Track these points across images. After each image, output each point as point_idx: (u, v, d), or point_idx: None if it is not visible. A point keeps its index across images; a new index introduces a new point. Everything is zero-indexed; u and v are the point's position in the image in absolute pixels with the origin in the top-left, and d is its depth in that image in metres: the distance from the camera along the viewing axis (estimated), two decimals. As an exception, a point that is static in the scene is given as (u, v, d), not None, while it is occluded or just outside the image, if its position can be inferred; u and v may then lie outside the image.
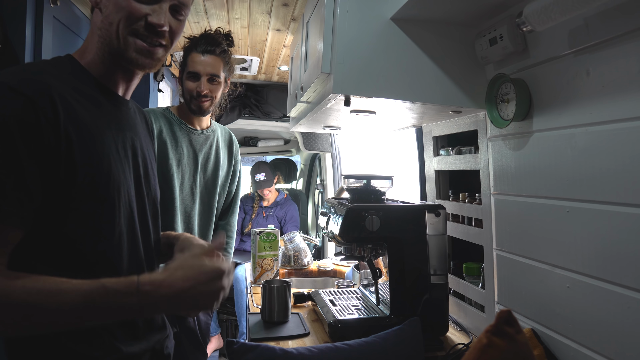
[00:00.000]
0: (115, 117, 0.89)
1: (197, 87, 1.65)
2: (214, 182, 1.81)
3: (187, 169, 1.70)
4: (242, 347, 1.14)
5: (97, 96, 0.86)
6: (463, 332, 1.52)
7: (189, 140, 1.71)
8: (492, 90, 1.30)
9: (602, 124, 0.97)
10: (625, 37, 0.90)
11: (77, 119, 0.78)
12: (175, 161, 1.65)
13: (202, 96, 1.65)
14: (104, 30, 0.84)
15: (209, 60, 1.65)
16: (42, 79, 0.76)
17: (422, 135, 1.86)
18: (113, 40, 0.84)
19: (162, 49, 0.88)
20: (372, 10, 1.27)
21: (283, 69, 2.77)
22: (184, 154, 1.69)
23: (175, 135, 1.67)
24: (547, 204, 1.15)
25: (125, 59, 0.85)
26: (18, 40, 1.44)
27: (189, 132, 1.72)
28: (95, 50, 0.86)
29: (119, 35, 0.83)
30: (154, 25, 0.84)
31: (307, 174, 4.14)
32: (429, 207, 1.43)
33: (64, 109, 0.76)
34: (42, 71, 0.79)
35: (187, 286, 0.73)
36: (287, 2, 1.77)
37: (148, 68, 0.88)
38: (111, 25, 0.83)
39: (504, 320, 0.91)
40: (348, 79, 1.26)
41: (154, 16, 0.84)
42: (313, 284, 2.39)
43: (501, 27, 1.19)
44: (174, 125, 1.68)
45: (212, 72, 1.66)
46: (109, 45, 0.84)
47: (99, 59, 0.87)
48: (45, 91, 0.74)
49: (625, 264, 0.92)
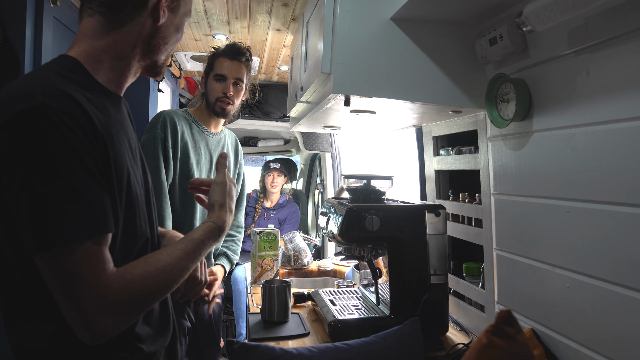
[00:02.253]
0: (119, 121, 0.89)
1: (223, 88, 1.75)
2: None
3: (204, 169, 1.79)
4: (242, 347, 1.14)
5: (103, 101, 0.85)
6: (463, 332, 1.52)
7: (205, 142, 1.80)
8: (492, 90, 1.30)
9: (602, 124, 0.97)
10: (625, 37, 0.90)
11: (101, 124, 0.78)
12: (195, 161, 1.73)
13: (227, 97, 1.75)
14: (154, 46, 0.88)
15: (236, 65, 1.77)
16: (70, 94, 0.75)
17: (422, 135, 1.86)
18: (162, 56, 0.91)
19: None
20: (372, 10, 1.27)
21: (283, 69, 2.77)
22: (202, 154, 1.77)
23: (194, 136, 1.76)
24: (547, 204, 1.15)
25: (158, 70, 0.93)
26: (18, 40, 1.44)
27: (205, 135, 1.80)
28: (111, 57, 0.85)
29: (168, 54, 0.92)
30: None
31: (307, 174, 4.14)
32: (429, 207, 1.43)
33: (97, 122, 0.76)
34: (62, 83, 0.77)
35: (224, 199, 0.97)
36: (287, 2, 1.77)
37: (155, 76, 0.95)
38: (166, 45, 0.90)
39: (504, 320, 0.91)
40: (348, 79, 1.26)
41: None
42: (313, 284, 2.39)
43: (501, 27, 1.19)
44: (193, 127, 1.77)
45: (237, 76, 1.77)
46: (152, 58, 0.90)
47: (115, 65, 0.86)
48: (80, 105, 0.74)
49: (625, 264, 0.92)
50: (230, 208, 0.98)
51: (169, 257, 0.80)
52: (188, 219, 1.73)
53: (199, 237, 0.87)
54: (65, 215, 0.68)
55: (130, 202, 0.83)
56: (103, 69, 0.85)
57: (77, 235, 0.68)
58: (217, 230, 0.91)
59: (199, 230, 0.89)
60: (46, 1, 1.51)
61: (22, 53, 1.44)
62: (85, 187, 0.71)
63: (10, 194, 0.69)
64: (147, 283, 0.75)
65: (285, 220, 3.49)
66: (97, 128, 0.75)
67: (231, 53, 1.76)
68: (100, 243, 0.72)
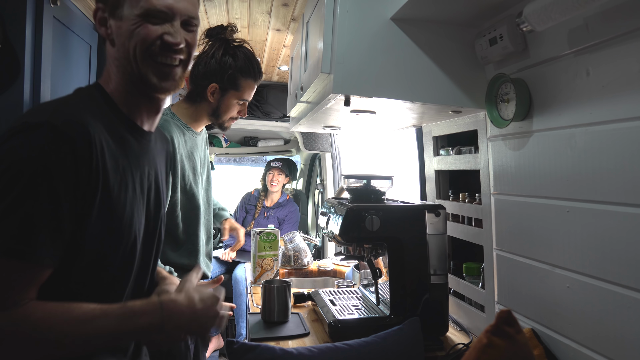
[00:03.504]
0: (138, 154, 0.88)
1: (241, 110, 1.65)
2: (209, 180, 1.84)
3: (198, 174, 1.72)
4: (242, 347, 1.14)
5: (124, 133, 0.85)
6: (463, 332, 1.52)
7: (196, 146, 1.73)
8: (492, 90, 1.30)
9: (602, 124, 0.97)
10: (625, 37, 0.90)
11: (106, 164, 0.78)
12: (191, 170, 1.64)
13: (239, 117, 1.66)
14: (121, 60, 0.84)
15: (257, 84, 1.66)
16: (83, 120, 0.76)
17: (422, 135, 1.86)
18: (133, 66, 0.83)
19: (180, 68, 0.88)
20: (372, 10, 1.27)
21: (283, 69, 2.77)
22: (195, 159, 1.70)
23: (187, 144, 1.68)
24: (547, 204, 1.15)
25: (146, 84, 0.85)
26: (18, 40, 1.44)
27: (195, 138, 1.73)
28: (118, 80, 0.86)
29: (137, 60, 0.83)
30: (171, 44, 0.84)
31: (307, 174, 4.14)
32: (429, 207, 1.43)
33: (100, 153, 0.76)
34: (82, 109, 0.78)
35: (200, 307, 0.82)
36: (287, 2, 1.77)
37: (169, 91, 0.88)
38: (127, 52, 0.83)
39: (504, 320, 0.91)
40: (348, 79, 1.26)
41: (169, 36, 0.83)
42: (313, 284, 2.39)
43: (501, 27, 1.19)
44: (185, 134, 1.67)
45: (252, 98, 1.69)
46: (129, 74, 0.84)
47: (123, 88, 0.86)
48: (86, 135, 0.74)
49: (625, 264, 0.92)
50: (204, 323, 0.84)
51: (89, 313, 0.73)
52: (193, 228, 1.65)
53: (137, 307, 0.77)
54: (2, 232, 0.68)
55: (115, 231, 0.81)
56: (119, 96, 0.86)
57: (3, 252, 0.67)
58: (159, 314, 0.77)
59: (136, 303, 0.79)
60: (46, 1, 1.51)
61: (22, 53, 1.44)
62: (39, 212, 0.70)
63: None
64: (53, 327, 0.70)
65: (285, 219, 3.50)
66: (94, 160, 0.75)
67: (258, 75, 1.61)
68: (25, 272, 0.70)
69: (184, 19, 0.86)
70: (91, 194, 0.75)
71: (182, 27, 0.86)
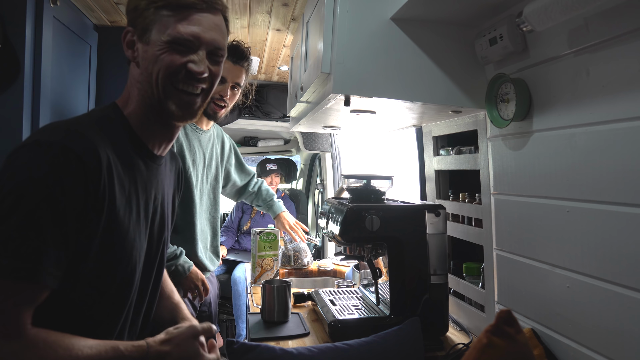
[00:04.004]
0: (146, 179, 0.89)
1: (220, 90, 1.67)
2: (217, 178, 1.89)
3: (199, 168, 1.76)
4: (242, 347, 1.14)
5: (134, 157, 0.86)
6: (463, 332, 1.52)
7: (199, 141, 1.77)
8: (492, 90, 1.30)
9: (602, 124, 0.97)
10: (625, 37, 0.90)
11: (113, 188, 0.78)
12: (190, 161, 1.70)
13: (222, 100, 1.68)
14: (143, 83, 0.85)
15: (237, 69, 1.70)
16: (95, 142, 0.76)
17: (422, 135, 1.86)
18: (153, 91, 0.84)
19: (200, 97, 0.88)
20: (372, 10, 1.27)
21: (283, 69, 2.77)
22: (196, 154, 1.74)
23: (188, 136, 1.72)
24: (547, 204, 1.15)
25: (164, 110, 0.85)
26: (18, 40, 1.44)
27: (198, 134, 1.77)
28: (137, 103, 0.87)
29: (159, 86, 0.84)
30: (194, 73, 0.84)
31: (307, 174, 4.14)
32: (429, 207, 1.43)
33: (107, 177, 0.76)
34: (93, 131, 0.79)
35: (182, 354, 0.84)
36: (287, 2, 1.77)
37: (186, 120, 0.89)
38: (150, 76, 0.84)
39: (504, 320, 0.91)
40: (348, 79, 1.26)
41: (193, 64, 0.84)
42: (313, 284, 2.39)
43: (501, 27, 1.19)
44: (186, 127, 1.72)
45: (237, 81, 1.71)
46: (149, 97, 0.85)
47: (141, 111, 0.87)
48: (96, 157, 0.75)
49: (625, 264, 0.92)
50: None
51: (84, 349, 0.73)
52: (189, 220, 1.71)
53: (124, 348, 0.78)
54: (6, 251, 0.67)
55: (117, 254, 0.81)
56: (135, 119, 0.87)
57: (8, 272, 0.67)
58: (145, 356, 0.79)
59: (128, 344, 0.80)
60: (46, 1, 1.51)
61: (22, 53, 1.44)
62: (45, 232, 0.69)
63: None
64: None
65: None
66: (101, 184, 0.75)
67: (235, 56, 1.68)
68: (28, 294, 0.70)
69: (210, 49, 0.86)
70: (96, 216, 0.75)
71: (208, 57, 0.87)
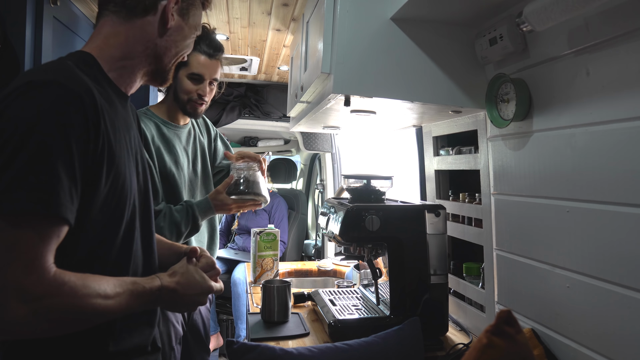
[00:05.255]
0: (124, 117, 0.91)
1: (198, 89, 1.59)
2: (205, 170, 1.78)
3: (184, 166, 1.67)
4: (242, 347, 1.14)
5: (112, 96, 0.88)
6: (463, 332, 1.52)
7: (178, 138, 1.66)
8: (492, 90, 1.30)
9: (602, 124, 0.97)
10: (625, 37, 0.90)
11: (106, 124, 0.79)
12: (172, 162, 1.60)
13: (201, 99, 1.60)
14: (164, 49, 0.92)
15: (214, 64, 1.60)
16: (82, 79, 0.77)
17: (422, 135, 1.86)
18: (170, 62, 0.94)
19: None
20: (372, 10, 1.27)
21: (283, 69, 2.77)
22: (178, 153, 1.63)
23: (166, 137, 1.61)
24: (547, 204, 1.15)
25: (164, 77, 0.96)
26: (18, 40, 1.44)
27: (176, 131, 1.66)
28: (123, 57, 0.89)
29: (176, 60, 0.95)
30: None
31: (307, 174, 4.14)
32: (429, 207, 1.43)
33: (102, 112, 0.77)
34: (76, 70, 0.80)
35: (191, 292, 0.90)
36: (287, 2, 1.77)
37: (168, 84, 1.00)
38: (176, 51, 0.94)
39: (504, 320, 0.91)
40: (348, 79, 1.26)
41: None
42: (313, 284, 2.39)
43: (501, 27, 1.19)
44: (161, 128, 1.61)
45: (214, 77, 1.62)
46: (161, 63, 0.94)
47: (126, 65, 0.90)
48: (90, 93, 0.76)
49: (625, 264, 0.92)
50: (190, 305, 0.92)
51: (109, 287, 0.76)
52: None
53: (149, 285, 0.83)
54: (21, 186, 0.67)
55: (119, 196, 0.83)
56: (114, 66, 0.89)
57: (27, 204, 0.66)
58: (157, 292, 0.84)
59: (144, 279, 0.85)
60: (46, 1, 1.51)
61: (22, 53, 1.44)
62: (55, 169, 0.69)
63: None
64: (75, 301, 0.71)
65: (272, 210, 3.54)
66: (100, 119, 0.76)
67: (210, 49, 1.57)
68: (48, 228, 0.69)
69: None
70: (100, 152, 0.76)
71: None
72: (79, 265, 0.76)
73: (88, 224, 0.78)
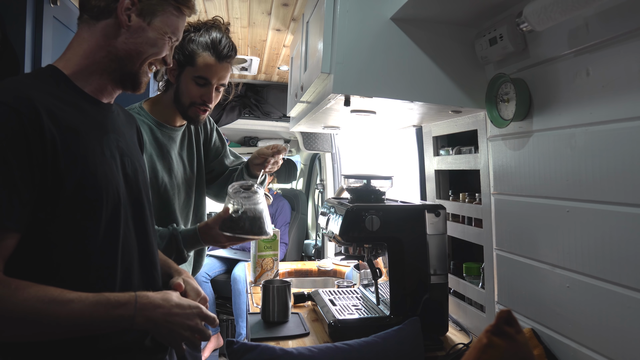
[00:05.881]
0: (98, 121, 0.91)
1: (203, 94, 1.42)
2: (201, 173, 1.65)
3: (178, 174, 1.51)
4: (242, 347, 1.14)
5: (80, 103, 0.89)
6: (463, 332, 1.52)
7: (174, 143, 1.51)
8: (492, 90, 1.30)
9: (602, 124, 0.97)
10: (625, 37, 0.90)
11: (59, 123, 0.80)
12: (166, 171, 1.45)
13: (205, 105, 1.43)
14: (124, 52, 0.90)
15: (224, 67, 1.42)
16: (22, 90, 0.79)
17: (422, 135, 1.86)
18: (134, 65, 0.92)
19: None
20: (372, 10, 1.27)
21: (283, 69, 2.77)
22: (172, 159, 1.48)
23: (160, 142, 1.44)
24: (547, 204, 1.15)
25: (135, 81, 0.94)
26: (18, 40, 1.44)
27: (170, 133, 1.49)
28: (88, 63, 0.90)
29: (141, 64, 0.92)
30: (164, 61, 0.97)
31: (307, 174, 4.14)
32: (429, 207, 1.43)
33: (46, 115, 0.78)
34: (21, 83, 0.83)
35: (176, 312, 0.85)
36: (287, 2, 1.77)
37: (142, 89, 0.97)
38: (139, 54, 0.91)
39: (504, 320, 0.91)
40: (348, 79, 1.26)
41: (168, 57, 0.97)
42: (313, 284, 2.39)
43: (501, 27, 1.19)
44: (155, 131, 1.45)
45: (222, 82, 1.45)
46: (125, 67, 0.91)
47: (92, 71, 0.90)
48: (26, 101, 0.77)
49: (625, 264, 0.92)
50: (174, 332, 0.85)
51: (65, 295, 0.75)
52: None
53: (112, 296, 0.80)
54: None
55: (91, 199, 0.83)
56: (82, 74, 0.90)
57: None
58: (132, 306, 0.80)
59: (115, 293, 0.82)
60: (46, 1, 1.51)
61: (22, 53, 1.44)
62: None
63: None
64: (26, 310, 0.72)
65: (276, 213, 3.55)
66: (44, 127, 0.77)
67: (221, 52, 1.40)
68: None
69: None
70: (52, 157, 0.78)
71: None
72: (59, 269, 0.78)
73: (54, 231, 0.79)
